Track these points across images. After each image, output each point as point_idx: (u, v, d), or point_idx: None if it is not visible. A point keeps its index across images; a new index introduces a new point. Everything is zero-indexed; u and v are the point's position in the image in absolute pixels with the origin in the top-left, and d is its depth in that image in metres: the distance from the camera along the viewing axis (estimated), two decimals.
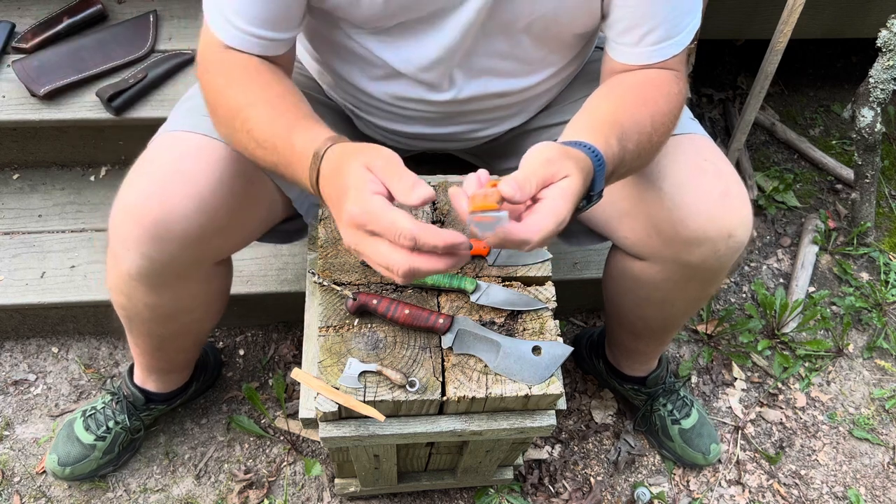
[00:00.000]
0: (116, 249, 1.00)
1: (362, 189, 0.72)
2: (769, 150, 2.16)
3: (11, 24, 1.63)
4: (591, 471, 1.57)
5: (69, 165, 1.73)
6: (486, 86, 1.10)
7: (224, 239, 1.07)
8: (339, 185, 0.75)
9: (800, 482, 1.59)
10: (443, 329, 0.97)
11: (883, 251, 1.95)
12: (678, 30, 0.96)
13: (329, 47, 1.11)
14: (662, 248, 1.08)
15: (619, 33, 0.98)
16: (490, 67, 1.07)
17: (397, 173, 0.73)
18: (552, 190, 0.75)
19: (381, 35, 1.02)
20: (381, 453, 1.15)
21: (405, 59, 1.04)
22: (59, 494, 1.46)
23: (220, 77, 0.93)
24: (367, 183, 0.72)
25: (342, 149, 0.78)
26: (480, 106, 1.14)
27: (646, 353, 1.45)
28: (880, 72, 1.62)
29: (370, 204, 0.71)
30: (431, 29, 0.99)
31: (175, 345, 1.28)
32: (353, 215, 0.71)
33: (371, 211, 0.70)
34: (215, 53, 0.95)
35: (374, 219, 0.70)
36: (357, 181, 0.73)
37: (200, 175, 0.96)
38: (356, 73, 1.12)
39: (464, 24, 0.97)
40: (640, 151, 0.91)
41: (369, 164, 0.74)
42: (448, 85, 1.08)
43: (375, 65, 1.07)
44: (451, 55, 1.02)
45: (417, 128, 1.19)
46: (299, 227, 1.25)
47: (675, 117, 0.97)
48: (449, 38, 0.99)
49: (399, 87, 1.10)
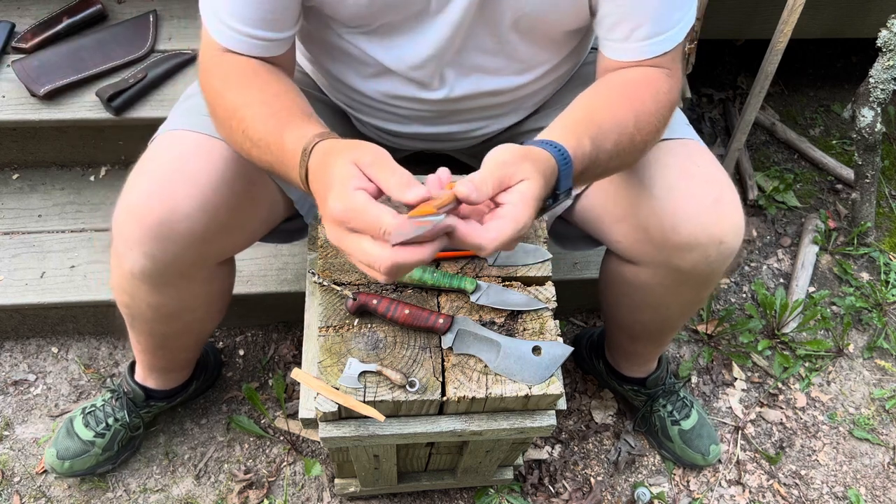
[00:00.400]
0: (119, 249, 1.00)
1: (346, 185, 0.71)
2: (769, 150, 2.16)
3: (11, 24, 1.63)
4: (591, 471, 1.57)
5: (69, 165, 1.73)
6: (479, 84, 1.10)
7: (227, 239, 1.07)
8: (324, 180, 0.74)
9: (800, 482, 1.59)
10: (443, 329, 0.97)
11: (883, 251, 1.95)
12: (668, 25, 0.95)
13: (321, 47, 1.11)
14: (654, 252, 1.08)
15: (608, 29, 0.97)
16: (481, 65, 1.07)
17: (389, 168, 0.72)
18: (511, 195, 0.75)
19: (371, 34, 1.02)
20: (381, 453, 1.15)
21: (396, 58, 1.04)
22: (59, 494, 1.46)
23: (218, 80, 0.93)
24: (352, 179, 0.71)
25: (331, 145, 0.77)
26: (473, 104, 1.14)
27: (644, 354, 1.45)
28: (880, 72, 1.62)
29: (352, 200, 0.70)
30: (420, 27, 0.99)
31: (177, 344, 1.28)
32: (335, 212, 0.71)
33: (354, 207, 0.69)
34: (214, 57, 0.95)
35: (357, 215, 0.69)
36: (342, 177, 0.72)
37: (203, 174, 0.97)
38: (348, 72, 1.12)
39: (452, 22, 0.97)
40: (619, 151, 0.90)
41: (357, 160, 0.73)
42: (440, 83, 1.09)
43: (367, 63, 1.07)
44: (441, 53, 1.02)
45: (412, 127, 1.19)
46: (300, 227, 1.25)
47: (663, 117, 0.96)
48: (438, 36, 0.99)
49: (391, 86, 1.10)
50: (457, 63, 1.06)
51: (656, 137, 0.97)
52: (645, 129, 0.92)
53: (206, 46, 0.96)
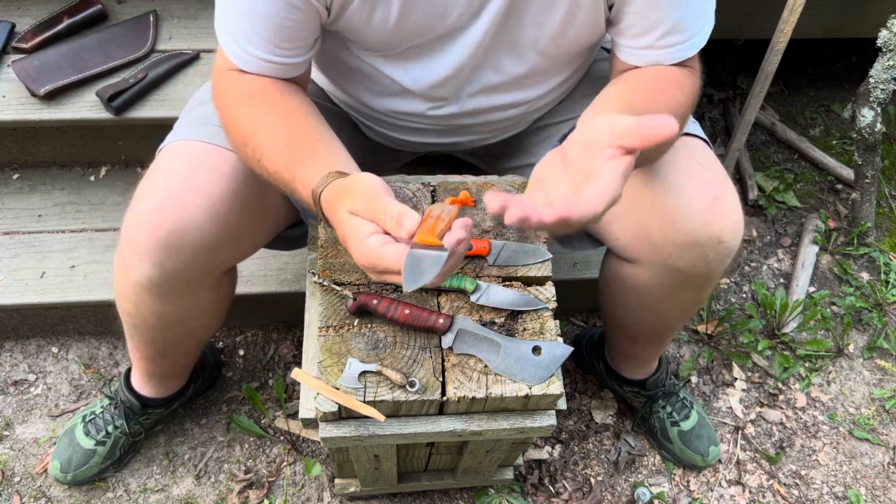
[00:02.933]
0: (128, 259, 1.00)
1: (357, 237, 0.77)
2: (769, 150, 2.16)
3: (11, 24, 1.63)
4: (591, 471, 1.57)
5: (69, 165, 1.73)
6: (491, 99, 1.10)
7: (235, 248, 1.08)
8: (339, 233, 0.81)
9: (800, 482, 1.59)
10: (443, 329, 0.97)
11: (883, 251, 1.95)
12: (692, 32, 0.96)
13: (334, 66, 1.12)
14: (652, 251, 1.07)
15: (630, 38, 0.97)
16: (495, 82, 1.07)
17: (381, 209, 0.76)
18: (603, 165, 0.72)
19: (392, 57, 1.02)
20: (381, 453, 1.15)
21: (415, 79, 1.05)
22: (59, 494, 1.46)
23: (232, 103, 0.95)
24: (358, 229, 0.77)
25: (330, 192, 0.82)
26: (485, 119, 1.15)
27: (644, 356, 1.45)
28: (880, 72, 1.62)
29: (368, 249, 0.75)
30: (441, 48, 0.99)
31: (178, 350, 1.28)
32: (362, 262, 0.77)
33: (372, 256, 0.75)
34: (227, 76, 0.96)
35: (379, 261, 0.75)
36: (350, 230, 0.78)
37: (213, 185, 0.97)
38: (362, 91, 1.12)
39: (472, 43, 0.98)
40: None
41: (353, 210, 0.78)
42: (453, 99, 1.09)
43: (383, 83, 1.08)
44: (459, 73, 1.03)
45: (422, 138, 1.20)
46: (302, 234, 1.25)
47: (689, 110, 0.97)
48: (458, 57, 1.00)
49: (404, 104, 1.11)
50: (472, 80, 1.06)
51: (683, 129, 0.97)
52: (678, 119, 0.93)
53: (220, 64, 0.97)
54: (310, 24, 0.92)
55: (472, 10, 0.93)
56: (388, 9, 0.92)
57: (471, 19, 0.95)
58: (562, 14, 0.95)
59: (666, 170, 1.03)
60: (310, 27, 0.93)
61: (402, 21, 0.93)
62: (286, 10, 0.88)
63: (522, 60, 1.03)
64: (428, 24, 0.94)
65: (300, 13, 0.90)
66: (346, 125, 1.25)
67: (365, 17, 0.93)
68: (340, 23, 0.95)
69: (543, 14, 0.95)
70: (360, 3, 0.91)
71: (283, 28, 0.90)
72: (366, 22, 0.94)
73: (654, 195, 1.02)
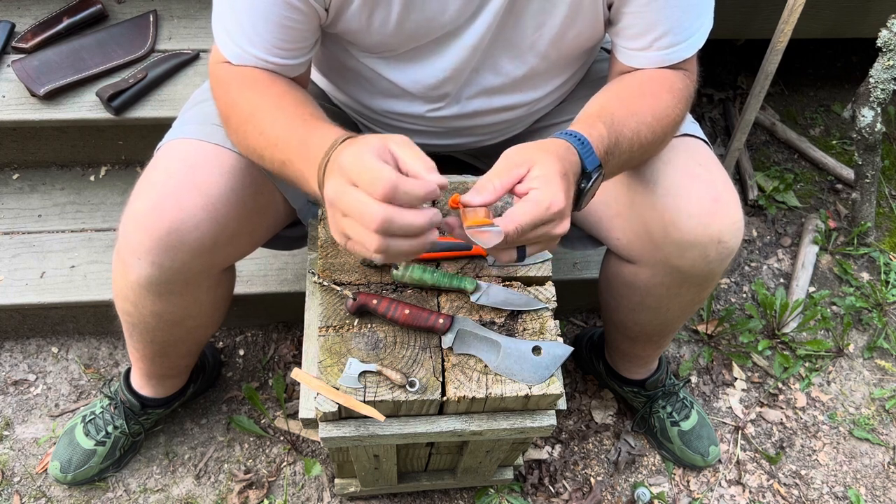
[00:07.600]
0: (126, 258, 1.00)
1: (362, 146, 0.72)
2: (769, 150, 2.16)
3: (11, 24, 1.63)
4: (591, 471, 1.57)
5: (69, 165, 1.73)
6: (490, 101, 1.10)
7: (234, 247, 1.07)
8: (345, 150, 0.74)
9: (800, 482, 1.59)
10: (443, 329, 0.97)
11: (883, 251, 1.95)
12: (689, 33, 0.96)
13: (333, 66, 1.12)
14: (653, 251, 1.08)
15: (628, 39, 0.98)
16: (495, 84, 1.07)
17: (417, 152, 0.74)
18: (530, 182, 0.77)
19: (391, 59, 1.02)
20: (381, 453, 1.15)
21: (414, 80, 1.05)
22: (59, 494, 1.46)
23: (233, 87, 0.94)
24: (371, 143, 0.72)
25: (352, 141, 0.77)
26: (484, 121, 1.15)
27: (643, 356, 1.45)
28: (880, 72, 1.62)
29: (362, 154, 0.71)
30: (440, 49, 0.99)
31: (177, 350, 1.28)
32: (343, 162, 0.71)
33: (361, 160, 0.70)
34: (225, 66, 0.96)
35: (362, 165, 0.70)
36: (363, 140, 0.73)
37: (212, 184, 0.97)
38: (360, 91, 1.12)
39: (471, 44, 0.98)
40: (640, 139, 0.91)
41: (387, 138, 0.74)
42: (452, 101, 1.09)
43: (382, 85, 1.08)
44: (457, 74, 1.03)
45: (421, 139, 1.20)
46: (300, 235, 1.25)
47: (681, 111, 0.97)
48: (457, 59, 1.00)
49: (403, 105, 1.11)
50: (471, 82, 1.06)
51: (675, 129, 0.98)
52: (664, 120, 0.94)
53: (218, 61, 0.97)
54: (309, 24, 0.92)
55: (470, 12, 0.93)
56: (387, 11, 0.92)
57: (468, 21, 0.95)
58: (562, 15, 0.95)
59: (666, 170, 1.03)
60: (309, 28, 0.93)
61: (402, 23, 0.93)
62: (285, 9, 0.88)
63: (522, 62, 1.03)
64: (427, 26, 0.95)
65: (299, 13, 0.90)
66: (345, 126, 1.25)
67: (364, 20, 0.93)
68: (340, 25, 0.95)
69: (542, 15, 0.95)
70: (359, 6, 0.91)
71: (282, 28, 0.90)
72: (365, 24, 0.94)
73: (654, 196, 1.02)
